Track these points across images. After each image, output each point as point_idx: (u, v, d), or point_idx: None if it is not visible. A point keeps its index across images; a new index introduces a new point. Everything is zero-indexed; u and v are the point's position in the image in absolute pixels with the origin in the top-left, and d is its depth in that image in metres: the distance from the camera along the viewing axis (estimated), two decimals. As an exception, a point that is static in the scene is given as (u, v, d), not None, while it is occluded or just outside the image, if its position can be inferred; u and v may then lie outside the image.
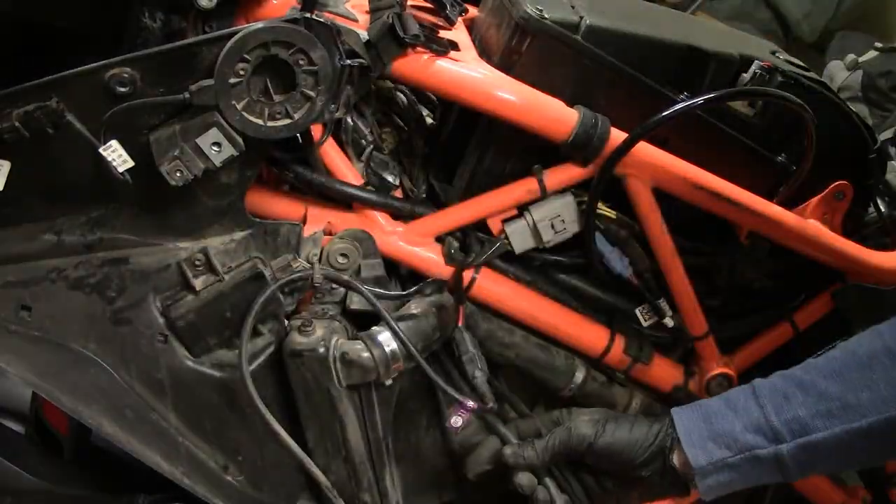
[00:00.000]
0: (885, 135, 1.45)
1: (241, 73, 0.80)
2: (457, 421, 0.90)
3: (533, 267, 1.01)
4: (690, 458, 0.82)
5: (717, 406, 0.84)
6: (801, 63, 1.06)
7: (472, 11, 1.04)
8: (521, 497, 0.90)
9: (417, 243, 0.97)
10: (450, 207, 0.98)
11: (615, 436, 0.86)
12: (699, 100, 0.92)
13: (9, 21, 0.82)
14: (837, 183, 1.01)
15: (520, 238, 0.97)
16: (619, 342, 1.04)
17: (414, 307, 0.93)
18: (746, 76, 0.97)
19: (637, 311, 1.05)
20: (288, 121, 0.83)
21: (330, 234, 0.94)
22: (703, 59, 0.95)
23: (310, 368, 0.88)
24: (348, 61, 0.83)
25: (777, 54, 1.06)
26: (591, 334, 1.04)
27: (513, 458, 0.88)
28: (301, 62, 0.81)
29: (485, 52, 0.95)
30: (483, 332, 0.99)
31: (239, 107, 0.81)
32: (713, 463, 0.81)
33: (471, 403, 0.88)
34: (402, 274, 0.99)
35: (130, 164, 0.81)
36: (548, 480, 0.89)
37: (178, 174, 0.81)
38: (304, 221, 0.94)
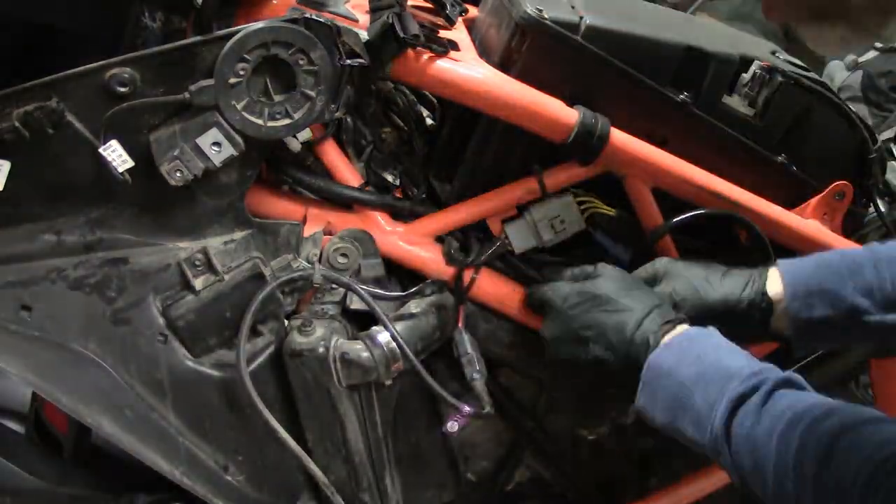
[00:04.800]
0: (886, 135, 1.45)
1: (241, 73, 0.80)
2: (452, 426, 0.90)
3: (533, 267, 1.01)
4: (792, 310, 0.82)
5: (833, 259, 0.82)
6: (801, 63, 1.06)
7: (472, 11, 1.04)
8: (521, 497, 0.90)
9: (417, 243, 0.97)
10: (450, 207, 0.98)
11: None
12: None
13: (9, 21, 0.82)
14: (837, 183, 1.01)
15: (520, 238, 0.97)
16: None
17: (413, 307, 0.93)
18: (746, 76, 0.97)
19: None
20: (288, 121, 0.83)
21: (330, 234, 0.94)
22: (703, 60, 0.95)
23: (310, 368, 0.88)
24: (348, 61, 0.83)
25: (777, 54, 1.05)
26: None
27: None
28: (301, 62, 0.81)
29: (485, 52, 0.95)
30: (483, 332, 0.99)
31: (239, 107, 0.81)
32: (813, 318, 0.81)
33: (467, 408, 0.88)
34: (402, 274, 0.99)
35: (130, 164, 0.81)
36: None
37: (178, 174, 0.81)
38: (304, 221, 0.94)
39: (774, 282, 0.88)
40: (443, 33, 0.91)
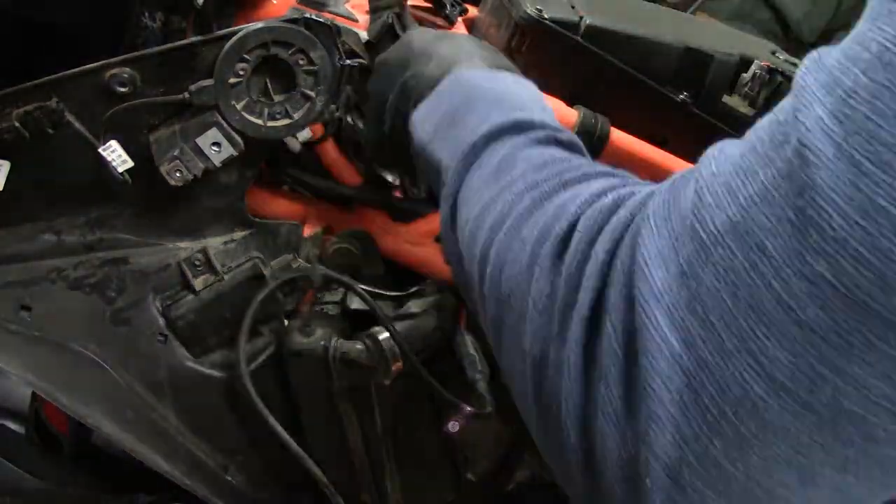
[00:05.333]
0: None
1: (241, 73, 0.80)
2: (453, 426, 0.90)
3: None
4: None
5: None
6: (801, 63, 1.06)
7: (472, 11, 1.04)
8: (521, 497, 0.90)
9: (417, 243, 0.97)
10: (450, 207, 0.98)
11: None
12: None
13: (8, 20, 0.82)
14: (837, 183, 1.00)
15: (520, 238, 0.97)
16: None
17: (414, 307, 0.93)
18: (746, 76, 0.97)
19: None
20: (288, 121, 0.84)
21: (330, 234, 0.94)
22: (703, 60, 0.95)
23: (310, 368, 0.88)
24: (348, 61, 0.83)
25: (777, 54, 1.05)
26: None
27: None
28: (301, 62, 0.81)
29: (485, 52, 0.95)
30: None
31: (239, 107, 0.81)
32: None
33: (468, 408, 0.88)
34: (402, 274, 0.99)
35: (130, 164, 0.81)
36: None
37: (177, 174, 0.81)
38: (304, 221, 0.94)
39: None
40: (443, 33, 0.91)
